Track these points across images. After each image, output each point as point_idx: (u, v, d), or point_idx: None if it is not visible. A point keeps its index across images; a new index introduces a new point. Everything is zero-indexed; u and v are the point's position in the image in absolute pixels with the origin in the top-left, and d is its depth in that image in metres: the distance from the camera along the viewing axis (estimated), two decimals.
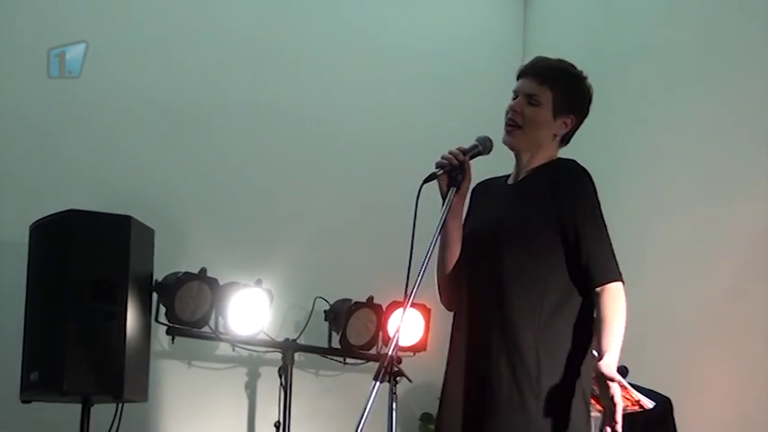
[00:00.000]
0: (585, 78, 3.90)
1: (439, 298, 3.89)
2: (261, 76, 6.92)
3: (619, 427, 3.45)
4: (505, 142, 3.79)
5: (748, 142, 5.95)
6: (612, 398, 3.42)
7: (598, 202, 3.72)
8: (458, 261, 3.85)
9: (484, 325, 3.64)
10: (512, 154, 3.87)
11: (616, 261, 3.66)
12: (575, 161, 3.81)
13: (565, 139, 3.91)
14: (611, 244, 3.68)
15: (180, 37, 6.86)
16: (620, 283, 3.62)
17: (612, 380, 3.43)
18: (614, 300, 3.58)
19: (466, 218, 3.91)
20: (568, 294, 3.64)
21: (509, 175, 3.92)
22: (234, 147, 6.72)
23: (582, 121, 3.91)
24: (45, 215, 5.35)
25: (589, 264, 3.60)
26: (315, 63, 7.12)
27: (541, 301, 3.57)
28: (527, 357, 3.53)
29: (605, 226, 3.69)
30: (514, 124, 3.77)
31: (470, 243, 3.82)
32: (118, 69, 6.62)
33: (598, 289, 3.59)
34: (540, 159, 3.85)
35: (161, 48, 6.79)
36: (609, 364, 3.49)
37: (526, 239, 3.67)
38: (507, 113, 3.81)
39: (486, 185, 3.97)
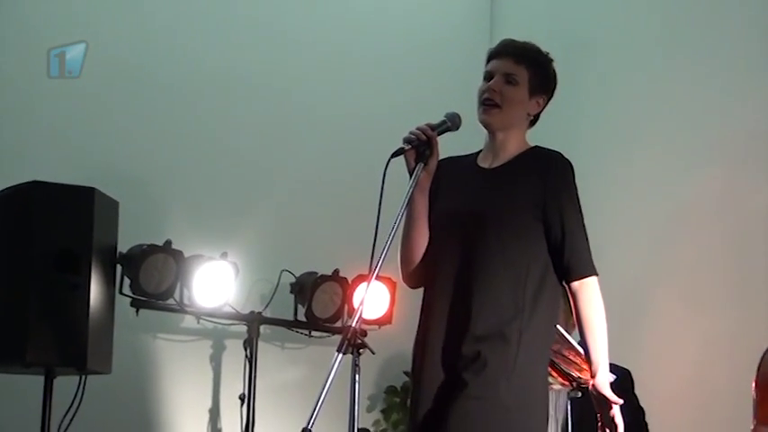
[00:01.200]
0: (553, 61, 3.95)
1: (401, 274, 3.91)
2: (229, 49, 6.90)
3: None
4: (482, 121, 3.82)
5: (711, 120, 5.97)
6: (613, 419, 3.61)
7: (578, 195, 3.82)
8: (425, 238, 3.87)
9: (464, 305, 3.65)
10: (478, 133, 3.90)
11: (591, 256, 3.76)
12: (561, 153, 3.84)
13: (534, 120, 3.94)
14: (587, 239, 3.77)
15: (149, 3, 6.90)
16: (596, 278, 3.70)
17: (614, 402, 3.64)
18: (593, 295, 3.68)
19: (431, 194, 3.90)
20: (545, 283, 3.68)
21: (476, 154, 3.95)
22: (201, 119, 6.71)
23: (548, 102, 3.96)
24: (7, 186, 5.33)
25: (571, 257, 3.68)
26: (284, 38, 7.14)
27: (524, 288, 3.61)
28: (511, 340, 3.56)
29: (583, 219, 3.78)
30: (492, 103, 3.78)
31: (447, 221, 3.83)
32: (85, 37, 6.51)
33: (576, 283, 3.69)
34: (514, 141, 3.87)
35: (128, 15, 6.77)
36: (604, 383, 3.67)
37: (511, 225, 3.70)
38: (483, 93, 3.83)
39: (452, 163, 3.96)
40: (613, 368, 4.86)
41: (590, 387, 3.72)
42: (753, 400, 3.91)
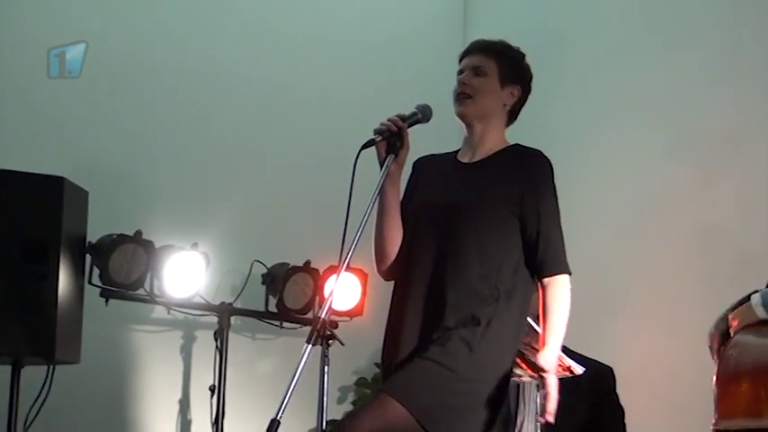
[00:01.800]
0: (524, 55, 4.03)
1: (375, 266, 3.97)
2: (204, 41, 6.88)
3: (550, 417, 3.68)
4: (458, 113, 3.89)
5: (682, 115, 6.00)
6: (548, 392, 3.67)
7: (556, 194, 3.89)
8: (398, 230, 3.91)
9: (439, 297, 3.70)
10: (455, 131, 4.00)
11: (565, 254, 3.84)
12: (541, 152, 3.90)
13: (513, 113, 4.01)
14: (563, 237, 3.84)
15: (126, 7, 6.80)
16: (567, 276, 3.80)
17: (544, 369, 3.70)
18: (562, 292, 3.77)
19: (410, 190, 4.00)
20: (518, 276, 3.75)
21: (456, 152, 4.01)
22: (172, 109, 6.69)
23: (526, 96, 4.03)
24: None
25: (545, 254, 3.76)
26: (260, 32, 7.13)
27: (498, 281, 3.67)
28: (481, 323, 3.61)
29: (560, 217, 3.86)
30: (465, 95, 3.86)
31: (423, 214, 3.88)
32: (59, 25, 6.56)
33: (547, 279, 3.77)
34: (492, 135, 3.93)
35: (110, 19, 6.70)
36: (548, 359, 3.73)
37: (488, 219, 3.76)
38: (456, 90, 3.91)
39: (431, 161, 4.06)
40: (596, 365, 5.11)
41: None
42: (714, 395, 3.87)
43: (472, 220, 3.76)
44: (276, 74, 7.00)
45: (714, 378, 3.86)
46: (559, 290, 3.78)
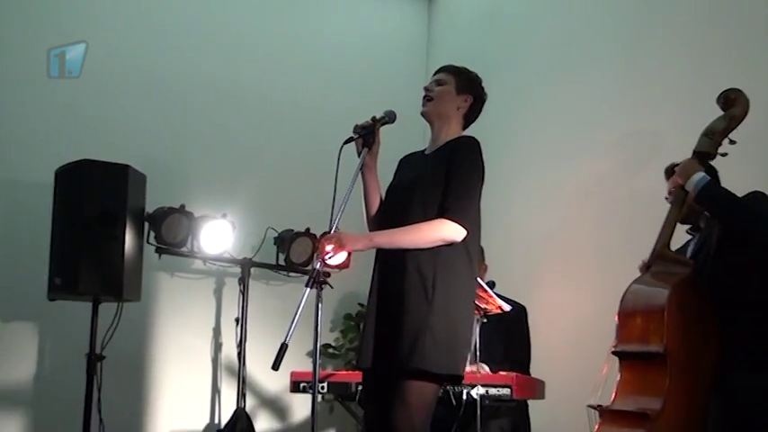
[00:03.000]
0: (479, 76, 3.97)
1: (366, 225, 3.93)
2: (226, 60, 6.80)
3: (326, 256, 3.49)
4: (422, 113, 3.88)
5: (591, 121, 5.88)
6: (332, 241, 3.48)
7: (481, 168, 3.72)
8: (380, 206, 3.90)
9: (398, 258, 3.64)
10: (424, 133, 4.00)
11: (471, 212, 3.65)
12: (471, 137, 3.83)
13: (468, 117, 3.95)
14: (472, 201, 3.66)
15: (172, 33, 6.67)
16: (453, 226, 3.58)
17: (364, 244, 3.62)
18: (437, 228, 3.58)
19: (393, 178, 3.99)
20: None
21: (426, 149, 3.95)
22: (207, 113, 6.62)
23: (479, 105, 3.94)
24: (65, 163, 5.36)
25: (449, 200, 3.59)
26: (273, 52, 6.97)
27: None
28: (427, 277, 3.57)
29: (475, 188, 3.68)
30: (428, 98, 3.86)
31: (390, 195, 3.89)
32: (123, 58, 6.42)
33: (442, 218, 3.57)
34: (449, 132, 3.89)
35: (155, 39, 6.58)
36: (375, 240, 3.65)
37: (431, 193, 3.68)
38: (423, 96, 3.89)
39: (408, 156, 4.04)
40: (516, 305, 5.02)
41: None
42: (615, 327, 3.90)
43: (420, 196, 3.69)
44: (284, 90, 6.89)
45: (616, 317, 3.85)
46: (437, 225, 3.57)
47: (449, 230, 3.58)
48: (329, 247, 3.49)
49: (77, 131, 6.08)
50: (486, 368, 4.84)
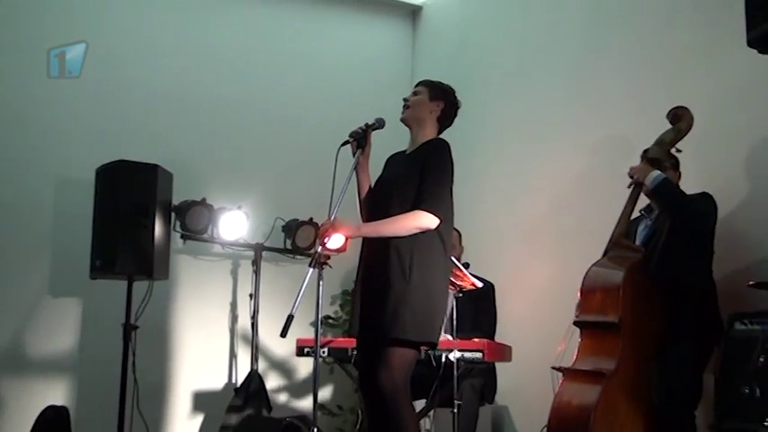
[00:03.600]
0: (450, 86, 3.97)
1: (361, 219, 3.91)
2: (243, 78, 6.71)
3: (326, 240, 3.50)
4: (401, 119, 3.89)
5: (545, 121, 5.85)
6: (328, 228, 3.51)
7: (450, 165, 3.71)
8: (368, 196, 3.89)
9: (381, 243, 3.65)
10: (401, 135, 3.95)
11: (442, 203, 3.64)
12: (442, 139, 3.83)
13: (442, 121, 3.91)
14: (445, 194, 3.68)
15: (196, 57, 6.59)
16: (427, 216, 3.60)
17: (353, 232, 3.66)
18: (413, 218, 3.60)
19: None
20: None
21: (407, 149, 3.95)
22: (224, 122, 6.56)
23: (452, 111, 3.93)
24: (105, 163, 5.35)
25: (423, 195, 3.60)
26: (282, 71, 6.88)
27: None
28: (405, 259, 3.58)
29: (445, 183, 3.69)
30: (405, 105, 3.88)
31: (375, 189, 3.89)
32: (155, 75, 6.39)
33: (414, 210, 3.58)
34: (424, 135, 3.86)
35: (182, 63, 6.52)
36: (362, 230, 3.68)
37: (407, 189, 3.68)
38: (403, 104, 3.89)
39: (394, 156, 4.02)
40: (483, 281, 4.95)
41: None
42: (577, 302, 4.01)
43: (399, 192, 3.70)
44: (290, 102, 6.81)
45: (579, 292, 4.00)
46: (414, 216, 3.59)
47: (424, 220, 3.60)
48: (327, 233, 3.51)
49: (114, 136, 6.04)
50: (450, 338, 4.83)
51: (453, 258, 4.35)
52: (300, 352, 5.28)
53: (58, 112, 6.04)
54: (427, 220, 3.61)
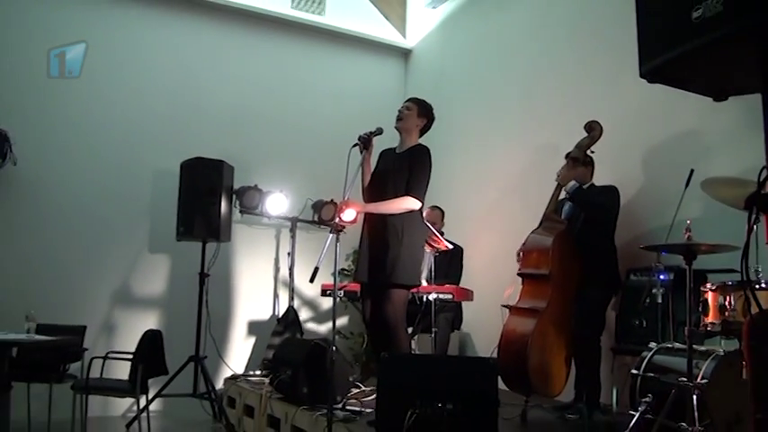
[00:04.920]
0: (431, 104, 3.91)
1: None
2: (284, 98, 6.51)
3: (341, 214, 3.45)
4: (395, 127, 3.84)
5: (502, 131, 5.72)
6: (343, 206, 3.46)
7: (429, 163, 3.68)
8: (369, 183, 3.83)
9: (381, 217, 3.65)
10: (397, 137, 3.90)
11: (423, 192, 3.62)
12: (424, 145, 3.79)
13: (423, 131, 3.87)
14: (425, 185, 3.65)
15: (245, 80, 6.35)
16: (413, 200, 3.59)
17: (360, 208, 3.59)
18: (405, 202, 3.61)
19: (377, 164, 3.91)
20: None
21: (396, 147, 3.90)
22: (270, 130, 6.39)
23: (431, 123, 3.88)
24: (186, 159, 5.36)
25: (410, 186, 3.61)
26: (308, 96, 6.65)
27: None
28: (398, 228, 3.59)
29: (425, 177, 3.66)
30: (399, 117, 3.84)
31: (374, 178, 3.83)
32: (220, 91, 6.20)
33: (406, 195, 3.59)
34: (411, 140, 3.82)
35: (233, 82, 6.28)
36: (367, 207, 3.63)
37: (398, 179, 3.68)
38: (397, 115, 3.85)
39: (386, 151, 3.95)
40: (454, 244, 4.81)
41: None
42: (519, 259, 3.98)
43: (392, 181, 3.69)
44: (312, 118, 6.59)
45: (521, 253, 3.98)
46: (405, 200, 3.58)
47: (411, 203, 3.63)
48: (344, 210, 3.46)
49: (193, 139, 5.94)
50: (428, 284, 4.78)
51: (433, 228, 4.36)
52: (324, 293, 5.36)
53: (151, 121, 5.98)
54: (414, 203, 3.64)
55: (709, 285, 2.88)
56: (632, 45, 1.80)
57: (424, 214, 3.94)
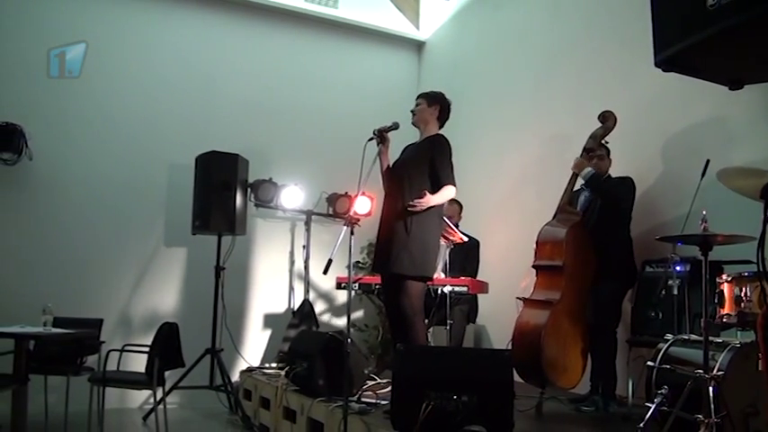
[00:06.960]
0: (440, 92, 3.90)
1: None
2: (299, 94, 6.51)
3: (418, 206, 3.50)
4: (412, 123, 3.86)
5: (516, 123, 5.67)
6: (421, 201, 3.51)
7: (449, 152, 3.70)
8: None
9: (392, 207, 3.66)
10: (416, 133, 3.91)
11: (453, 178, 3.65)
12: (442, 135, 3.79)
13: (441, 119, 3.84)
14: (451, 171, 3.66)
15: (261, 75, 6.35)
16: (451, 187, 3.63)
17: (424, 200, 3.53)
18: (446, 191, 3.61)
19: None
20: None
21: (417, 141, 3.90)
22: (286, 124, 6.40)
23: (446, 112, 3.85)
24: (201, 152, 5.38)
25: (440, 177, 3.61)
26: (328, 91, 6.65)
27: (417, 197, 3.58)
28: (407, 220, 3.56)
29: (450, 164, 3.67)
30: (413, 113, 3.85)
31: (393, 169, 3.81)
32: (239, 88, 6.24)
33: (443, 186, 3.60)
34: (429, 131, 3.81)
35: (250, 77, 6.30)
36: (433, 198, 3.57)
37: (415, 169, 3.67)
38: (412, 111, 3.86)
39: (409, 145, 3.94)
40: (471, 237, 4.81)
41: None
42: (534, 251, 3.96)
43: (408, 171, 3.70)
44: (330, 111, 6.57)
45: (535, 244, 3.95)
46: (445, 190, 3.59)
47: (451, 191, 3.66)
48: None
49: (208, 133, 5.97)
50: (444, 276, 4.80)
51: (447, 220, 4.35)
52: (339, 286, 5.34)
53: (166, 116, 5.98)
54: (452, 192, 3.67)
55: (725, 276, 2.84)
56: (647, 35, 1.79)
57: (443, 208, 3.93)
